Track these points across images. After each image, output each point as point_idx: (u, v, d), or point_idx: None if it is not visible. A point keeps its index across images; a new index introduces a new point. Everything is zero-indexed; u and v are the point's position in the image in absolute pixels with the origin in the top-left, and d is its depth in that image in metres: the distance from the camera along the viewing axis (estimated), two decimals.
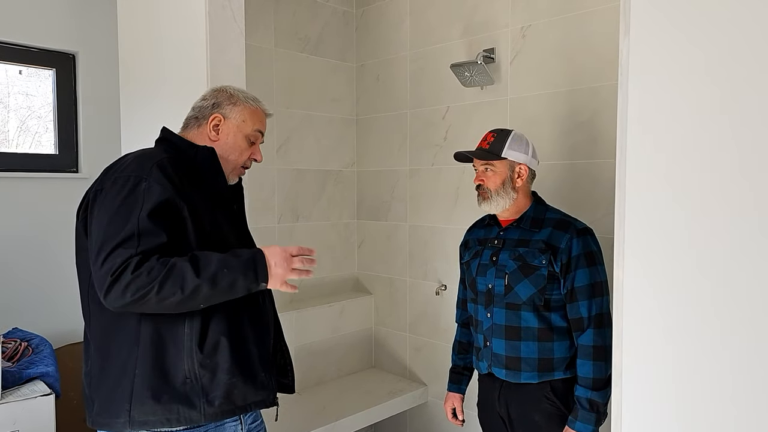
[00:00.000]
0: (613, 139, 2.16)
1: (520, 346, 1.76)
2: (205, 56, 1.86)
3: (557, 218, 1.81)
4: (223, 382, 1.35)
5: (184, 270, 1.24)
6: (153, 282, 1.21)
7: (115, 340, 1.32)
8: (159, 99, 2.14)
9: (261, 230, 2.72)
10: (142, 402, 1.29)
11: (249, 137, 1.51)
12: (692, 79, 0.97)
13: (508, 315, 1.78)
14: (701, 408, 0.98)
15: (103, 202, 1.30)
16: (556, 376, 1.76)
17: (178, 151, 1.43)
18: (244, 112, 1.50)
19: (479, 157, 1.83)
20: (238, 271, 1.28)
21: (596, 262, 1.74)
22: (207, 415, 1.33)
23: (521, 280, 1.75)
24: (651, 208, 1.02)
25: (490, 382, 1.88)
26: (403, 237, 3.02)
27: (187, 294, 1.23)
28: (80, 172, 2.78)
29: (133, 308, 1.24)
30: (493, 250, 1.85)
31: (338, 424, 2.51)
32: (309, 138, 3.01)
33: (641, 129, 1.03)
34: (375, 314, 3.19)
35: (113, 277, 1.21)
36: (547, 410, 1.77)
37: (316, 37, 3.01)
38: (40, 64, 2.68)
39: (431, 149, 2.85)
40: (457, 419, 2.05)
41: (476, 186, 1.85)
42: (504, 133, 1.83)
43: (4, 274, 2.52)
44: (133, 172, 1.32)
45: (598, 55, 2.21)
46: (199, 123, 1.50)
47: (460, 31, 2.68)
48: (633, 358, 1.04)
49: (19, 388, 1.93)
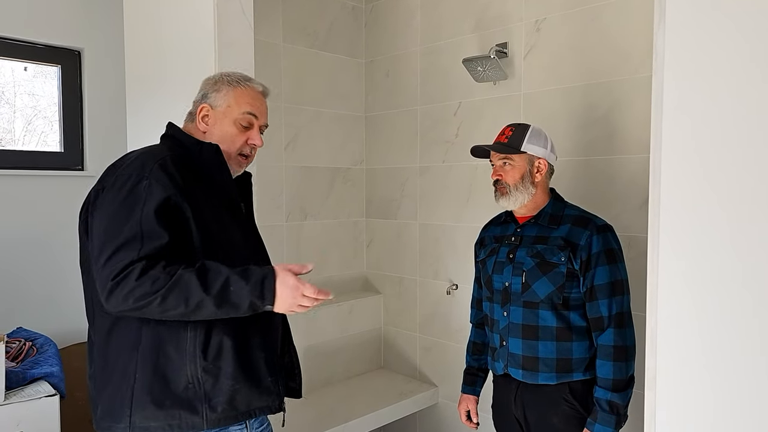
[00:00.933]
0: (630, 134, 2.13)
1: (538, 346, 1.71)
2: (213, 50, 1.82)
3: (576, 215, 1.76)
4: (226, 387, 1.30)
5: (190, 283, 1.18)
6: (156, 293, 1.16)
7: (116, 343, 1.29)
8: (166, 95, 2.10)
9: (269, 228, 2.68)
10: (143, 407, 1.25)
11: (239, 122, 1.41)
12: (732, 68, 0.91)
13: (526, 314, 1.73)
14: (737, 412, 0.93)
15: (103, 202, 1.26)
16: (575, 377, 1.71)
17: (183, 148, 1.39)
18: (228, 96, 1.41)
19: (498, 151, 1.78)
20: (245, 292, 1.21)
21: (616, 260, 1.70)
22: (210, 421, 1.29)
23: (539, 277, 1.70)
24: (687, 204, 0.97)
25: (506, 384, 1.83)
26: (413, 235, 2.97)
27: (191, 308, 1.19)
28: (86, 169, 2.74)
29: (135, 314, 1.20)
30: (510, 247, 1.80)
31: (347, 427, 2.47)
32: (317, 135, 2.96)
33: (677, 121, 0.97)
34: (384, 314, 3.15)
35: (114, 282, 1.16)
36: (565, 412, 1.72)
37: (324, 32, 2.96)
38: (46, 61, 2.65)
39: (442, 146, 2.80)
40: (472, 422, 2.00)
41: (494, 181, 1.80)
42: (522, 127, 1.79)
43: (8, 272, 2.49)
44: (135, 170, 1.27)
45: (613, 49, 2.16)
46: (192, 117, 1.46)
47: (472, 26, 2.63)
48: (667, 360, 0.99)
49: (23, 388, 1.89)
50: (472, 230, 2.65)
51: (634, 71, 2.10)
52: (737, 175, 0.92)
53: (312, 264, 1.32)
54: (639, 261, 1.96)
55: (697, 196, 0.96)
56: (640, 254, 2.01)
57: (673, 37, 0.98)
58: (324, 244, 3.01)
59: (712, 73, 0.94)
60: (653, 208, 1.01)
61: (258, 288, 1.21)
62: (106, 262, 1.18)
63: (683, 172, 0.97)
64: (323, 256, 2.98)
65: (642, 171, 2.08)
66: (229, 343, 1.31)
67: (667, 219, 0.99)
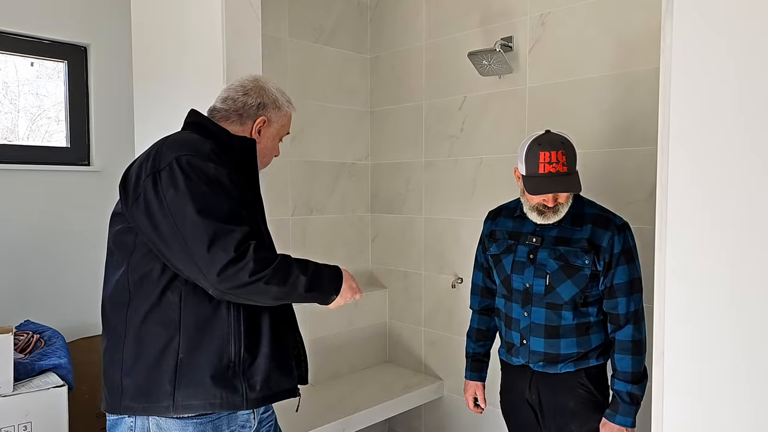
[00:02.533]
0: (636, 127, 2.12)
1: (560, 344, 1.73)
2: (222, 42, 1.83)
3: (596, 213, 1.75)
4: (263, 367, 1.35)
5: (290, 262, 1.30)
6: (267, 268, 1.24)
7: (154, 324, 1.30)
8: (173, 88, 2.11)
9: (274, 223, 2.67)
10: (186, 385, 1.28)
11: (278, 138, 1.55)
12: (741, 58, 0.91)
13: (548, 314, 1.73)
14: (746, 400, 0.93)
15: (174, 183, 1.25)
16: (591, 363, 1.75)
17: (213, 138, 1.41)
18: (284, 118, 1.53)
19: (573, 189, 1.65)
20: (329, 278, 1.38)
21: (634, 258, 1.72)
22: (249, 401, 1.33)
23: (564, 280, 1.70)
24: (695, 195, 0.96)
25: (520, 372, 1.83)
26: (418, 230, 2.97)
27: (288, 286, 1.28)
28: (92, 165, 2.76)
29: (235, 293, 1.25)
30: (530, 247, 1.77)
31: (353, 419, 2.47)
32: (323, 130, 2.97)
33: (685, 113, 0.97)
34: (389, 308, 3.15)
35: (236, 255, 1.21)
36: (581, 396, 1.75)
37: (330, 27, 2.97)
38: (52, 56, 2.66)
39: (447, 140, 2.80)
40: (478, 407, 2.01)
41: (544, 206, 1.70)
42: (568, 146, 1.67)
43: (16, 266, 2.51)
44: (195, 152, 1.29)
45: (618, 42, 2.15)
46: (242, 120, 1.47)
47: (477, 20, 2.63)
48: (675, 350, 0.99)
49: (31, 379, 1.91)
50: (476, 224, 2.65)
51: (640, 63, 2.10)
52: (746, 167, 0.91)
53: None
54: (646, 252, 1.96)
55: (705, 187, 0.95)
56: (646, 245, 2.00)
57: (680, 28, 0.97)
58: (329, 239, 3.02)
59: (720, 64, 0.93)
60: (660, 199, 1.01)
61: (336, 280, 1.40)
62: (215, 239, 1.21)
63: (691, 164, 0.97)
64: (328, 251, 2.99)
65: (648, 163, 2.08)
66: (267, 325, 1.37)
67: (674, 210, 0.99)
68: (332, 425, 2.40)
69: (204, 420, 1.32)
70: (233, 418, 1.37)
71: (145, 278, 1.31)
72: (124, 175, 1.36)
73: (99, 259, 2.14)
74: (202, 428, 1.32)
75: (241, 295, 1.26)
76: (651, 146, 2.06)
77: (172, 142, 1.35)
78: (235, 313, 1.32)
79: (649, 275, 1.45)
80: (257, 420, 1.45)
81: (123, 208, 1.34)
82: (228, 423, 1.36)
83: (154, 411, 1.29)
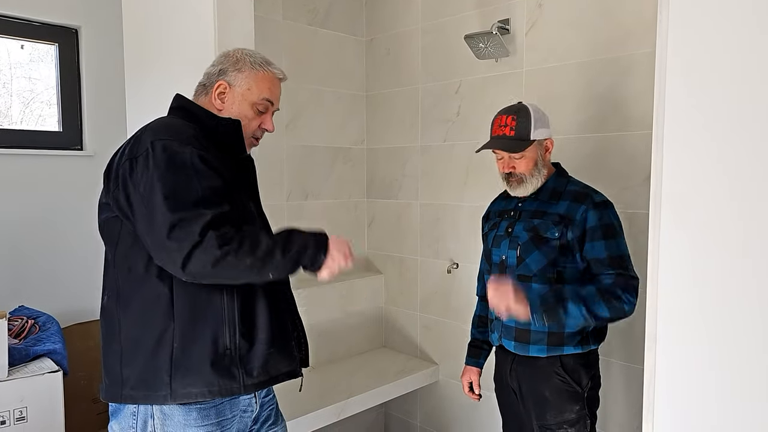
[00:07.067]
0: (633, 110, 2.11)
1: None
2: (213, 23, 1.80)
3: (576, 190, 1.75)
4: (260, 352, 1.34)
5: (257, 231, 1.26)
6: (232, 241, 1.19)
7: (149, 313, 1.28)
8: (165, 71, 2.08)
9: (270, 208, 2.66)
10: (183, 374, 1.27)
11: (256, 106, 1.42)
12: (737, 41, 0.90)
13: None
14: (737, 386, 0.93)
15: (148, 169, 1.23)
16: (566, 351, 1.72)
17: (197, 122, 1.37)
18: (250, 78, 1.41)
19: (510, 150, 1.71)
20: (313, 241, 1.29)
21: (615, 236, 1.69)
22: (246, 386, 1.32)
23: (532, 251, 1.71)
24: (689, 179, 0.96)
25: (503, 356, 1.86)
26: (414, 215, 2.96)
27: (261, 253, 1.22)
28: (85, 149, 2.73)
29: (209, 275, 1.21)
30: (509, 221, 1.81)
31: (348, 403, 2.49)
32: (318, 114, 2.94)
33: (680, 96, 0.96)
34: (385, 293, 3.15)
35: (200, 238, 1.18)
36: (557, 386, 1.73)
37: (325, 9, 2.93)
38: (42, 39, 2.62)
39: (443, 125, 2.78)
40: (474, 393, 2.01)
41: (506, 175, 1.75)
42: (523, 112, 1.73)
43: (9, 252, 2.49)
44: (173, 137, 1.26)
45: (615, 25, 2.13)
46: (206, 90, 1.44)
47: (473, 3, 2.60)
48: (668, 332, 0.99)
49: (26, 365, 1.90)
50: (472, 209, 2.65)
51: (636, 47, 2.08)
52: (741, 151, 0.90)
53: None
54: (640, 238, 1.96)
55: (700, 171, 0.95)
56: (641, 231, 2.00)
57: (677, 11, 0.96)
58: (325, 224, 3.00)
59: (717, 48, 0.92)
60: (655, 182, 1.00)
61: (320, 241, 1.30)
62: (174, 228, 1.18)
63: (686, 147, 0.96)
64: None
65: (644, 147, 2.07)
66: (264, 310, 1.35)
67: (669, 193, 0.98)
68: (328, 409, 2.41)
69: (206, 405, 1.32)
70: (235, 403, 1.38)
71: (132, 269, 1.29)
72: (109, 163, 1.34)
73: (92, 244, 2.13)
74: (205, 413, 1.32)
75: (218, 276, 1.22)
76: (647, 130, 2.05)
77: (152, 127, 1.32)
78: (229, 300, 1.30)
79: (643, 260, 1.45)
80: (259, 404, 1.46)
81: (105, 195, 1.32)
82: (231, 408, 1.37)
83: (155, 399, 1.28)
